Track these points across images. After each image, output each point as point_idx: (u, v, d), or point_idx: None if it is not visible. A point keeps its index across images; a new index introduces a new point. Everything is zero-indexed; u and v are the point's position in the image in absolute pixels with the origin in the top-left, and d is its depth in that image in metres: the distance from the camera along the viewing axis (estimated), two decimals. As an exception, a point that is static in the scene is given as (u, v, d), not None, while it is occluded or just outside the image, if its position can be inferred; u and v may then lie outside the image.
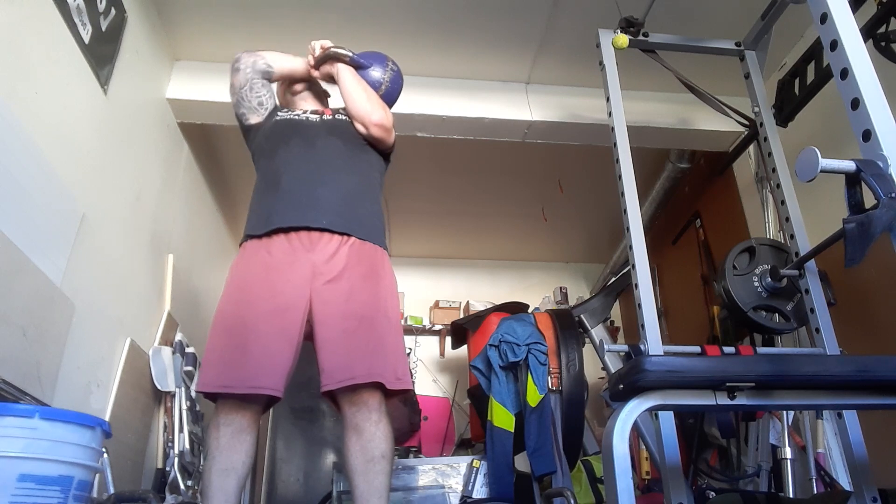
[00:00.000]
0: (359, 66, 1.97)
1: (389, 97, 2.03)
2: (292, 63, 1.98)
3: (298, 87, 2.02)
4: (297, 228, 1.66)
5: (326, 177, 1.74)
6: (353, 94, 1.87)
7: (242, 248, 1.74)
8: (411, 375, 4.34)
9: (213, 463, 1.49)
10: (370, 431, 1.52)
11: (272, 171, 1.79)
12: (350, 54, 1.96)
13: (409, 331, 4.85)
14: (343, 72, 1.91)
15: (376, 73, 2.00)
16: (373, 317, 1.62)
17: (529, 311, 3.09)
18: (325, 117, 1.91)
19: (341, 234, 1.67)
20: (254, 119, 1.92)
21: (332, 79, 1.97)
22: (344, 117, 1.92)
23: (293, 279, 1.61)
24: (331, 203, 1.70)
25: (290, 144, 1.80)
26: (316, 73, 1.98)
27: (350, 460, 1.52)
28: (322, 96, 2.08)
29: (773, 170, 2.21)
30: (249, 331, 1.56)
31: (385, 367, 1.57)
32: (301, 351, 1.64)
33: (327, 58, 1.95)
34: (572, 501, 1.96)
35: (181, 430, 2.63)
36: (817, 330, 1.95)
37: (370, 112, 1.83)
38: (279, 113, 1.93)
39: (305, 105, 2.00)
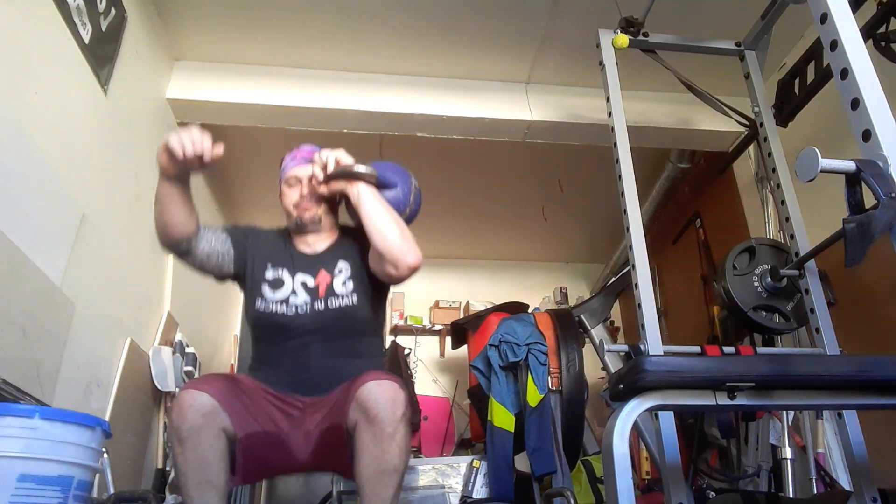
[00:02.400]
0: (384, 185, 1.68)
1: (410, 221, 1.78)
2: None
3: (309, 216, 1.71)
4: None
5: (324, 383, 1.63)
6: (383, 231, 1.58)
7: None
8: (411, 376, 4.35)
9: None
10: (385, 443, 1.48)
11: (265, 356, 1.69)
12: (374, 173, 1.62)
13: (409, 331, 4.85)
14: (366, 196, 1.60)
15: (400, 192, 1.73)
16: None
17: (529, 311, 3.09)
18: (317, 305, 1.64)
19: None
20: (228, 271, 1.75)
21: (340, 196, 1.73)
22: (343, 301, 1.65)
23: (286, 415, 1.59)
24: (330, 385, 1.61)
25: (284, 362, 1.64)
26: (323, 189, 1.68)
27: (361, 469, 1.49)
28: (335, 222, 1.81)
29: (773, 170, 2.21)
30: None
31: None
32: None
33: (344, 176, 1.63)
34: (572, 501, 1.95)
35: (181, 430, 2.63)
36: (817, 330, 1.95)
37: (405, 253, 1.57)
38: (259, 299, 1.66)
39: (307, 249, 1.73)
